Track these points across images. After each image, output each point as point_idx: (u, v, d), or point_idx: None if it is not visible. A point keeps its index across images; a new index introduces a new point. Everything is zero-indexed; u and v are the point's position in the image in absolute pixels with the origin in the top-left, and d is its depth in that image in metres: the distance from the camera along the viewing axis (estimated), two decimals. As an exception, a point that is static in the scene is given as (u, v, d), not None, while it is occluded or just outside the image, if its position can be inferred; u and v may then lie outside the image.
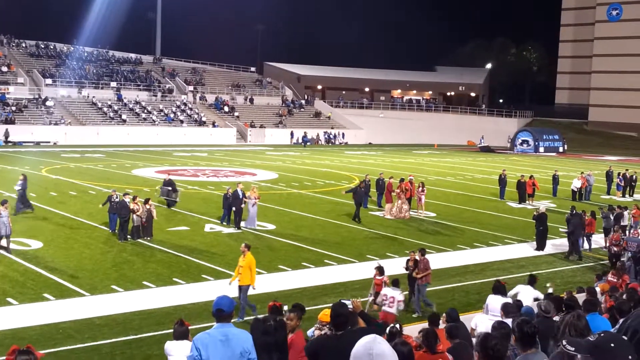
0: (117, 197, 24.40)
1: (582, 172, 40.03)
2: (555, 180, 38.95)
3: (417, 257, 17.40)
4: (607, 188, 40.62)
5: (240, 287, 15.98)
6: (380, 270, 16.30)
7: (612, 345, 3.27)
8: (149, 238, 23.44)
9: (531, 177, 35.85)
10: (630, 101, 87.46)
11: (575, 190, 37.10)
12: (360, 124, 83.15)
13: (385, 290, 15.24)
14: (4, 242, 20.87)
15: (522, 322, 5.98)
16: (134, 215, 23.30)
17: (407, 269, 17.53)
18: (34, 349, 8.45)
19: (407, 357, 6.68)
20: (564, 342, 3.56)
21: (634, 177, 40.45)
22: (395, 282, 15.51)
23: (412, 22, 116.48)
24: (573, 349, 3.46)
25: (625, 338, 3.62)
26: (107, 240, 23.43)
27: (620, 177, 39.70)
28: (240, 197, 25.95)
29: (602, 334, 3.39)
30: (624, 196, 38.98)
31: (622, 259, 20.61)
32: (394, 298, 14.76)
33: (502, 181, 36.49)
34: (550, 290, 14.53)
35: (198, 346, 6.43)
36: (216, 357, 6.37)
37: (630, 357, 3.26)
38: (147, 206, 23.67)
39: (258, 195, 26.40)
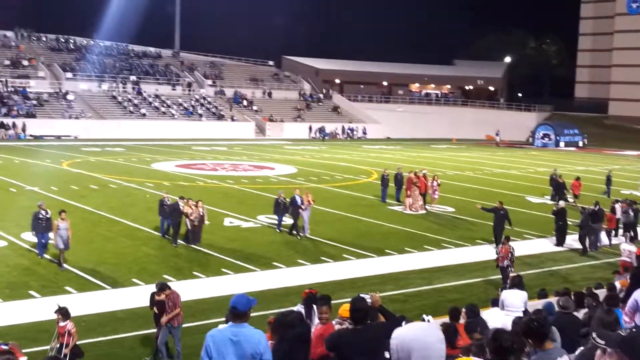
0: (168, 200, 23.11)
1: None
2: (609, 180, 36.62)
3: (164, 296, 13.29)
4: None
5: None
6: (63, 313, 12.35)
7: None
8: (198, 242, 22.16)
9: (577, 178, 34.26)
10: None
11: None
12: (378, 118, 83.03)
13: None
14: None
15: (529, 320, 6.02)
16: (187, 219, 22.10)
17: (153, 308, 13.60)
18: (17, 349, 8.59)
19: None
20: (594, 335, 3.60)
21: None
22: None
23: (431, 16, 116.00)
24: (603, 342, 3.50)
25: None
26: (129, 234, 23.63)
27: None
28: (299, 203, 24.33)
29: (633, 329, 3.43)
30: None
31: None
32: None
33: (556, 183, 34.01)
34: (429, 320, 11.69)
35: (208, 343, 6.32)
36: (225, 357, 6.25)
37: None
38: (200, 209, 22.45)
39: (312, 199, 25.02)
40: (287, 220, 24.98)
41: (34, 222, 19.95)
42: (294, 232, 24.22)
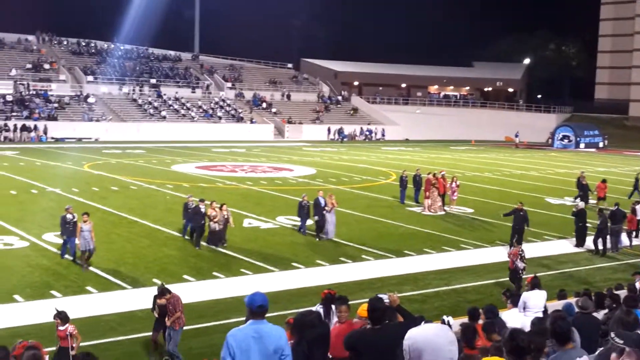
0: (192, 204, 22.90)
1: None
2: (637, 182, 35.66)
3: (164, 300, 13.50)
4: None
5: None
6: (62, 317, 12.00)
7: None
8: (224, 244, 22.33)
9: (604, 180, 33.73)
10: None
11: None
12: (397, 119, 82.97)
13: None
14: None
15: (555, 320, 6.02)
16: (211, 222, 22.10)
17: (154, 311, 13.93)
18: (41, 346, 8.72)
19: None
20: (613, 335, 3.62)
21: None
22: None
23: (450, 17, 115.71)
24: (622, 341, 3.52)
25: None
26: (149, 234, 23.80)
27: None
28: (322, 205, 24.12)
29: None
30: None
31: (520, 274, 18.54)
32: None
33: (580, 185, 33.94)
34: (449, 321, 11.47)
35: (230, 342, 6.31)
36: (248, 355, 6.27)
37: None
38: (224, 212, 22.50)
39: (335, 202, 24.67)
40: (310, 222, 24.98)
41: (62, 226, 20.15)
42: (316, 232, 24.20)
